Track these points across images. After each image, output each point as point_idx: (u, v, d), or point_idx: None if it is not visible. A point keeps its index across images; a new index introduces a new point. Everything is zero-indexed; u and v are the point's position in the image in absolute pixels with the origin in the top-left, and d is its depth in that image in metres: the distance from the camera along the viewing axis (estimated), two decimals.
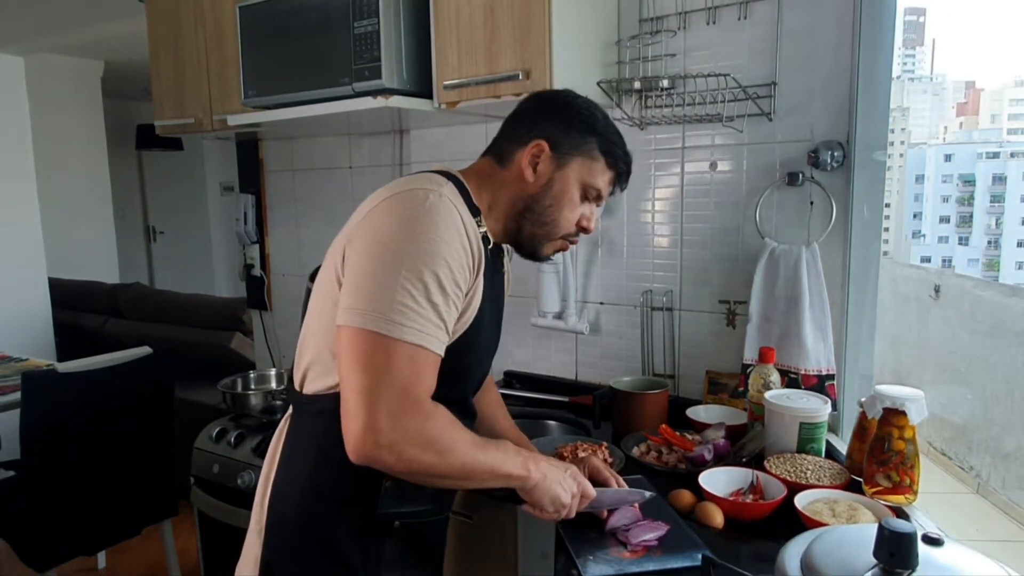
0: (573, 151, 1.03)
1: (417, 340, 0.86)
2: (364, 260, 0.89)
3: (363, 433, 0.84)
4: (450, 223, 0.90)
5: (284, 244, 2.56)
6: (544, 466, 1.00)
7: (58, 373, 1.99)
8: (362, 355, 0.85)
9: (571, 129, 1.03)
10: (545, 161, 1.02)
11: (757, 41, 1.57)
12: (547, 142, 1.02)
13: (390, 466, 0.86)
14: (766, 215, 1.60)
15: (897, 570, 0.60)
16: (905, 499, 1.16)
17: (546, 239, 1.07)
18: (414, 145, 2.16)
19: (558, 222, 1.05)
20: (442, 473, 0.89)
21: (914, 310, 7.09)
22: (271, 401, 1.98)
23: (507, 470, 0.95)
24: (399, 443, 0.84)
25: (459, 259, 0.90)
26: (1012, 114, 63.71)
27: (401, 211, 0.90)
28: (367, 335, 0.85)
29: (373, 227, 0.90)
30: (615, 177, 1.08)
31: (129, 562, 2.75)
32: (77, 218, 4.56)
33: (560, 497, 1.00)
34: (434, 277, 0.87)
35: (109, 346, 2.28)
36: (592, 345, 1.91)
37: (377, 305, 0.85)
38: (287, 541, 0.99)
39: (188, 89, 2.13)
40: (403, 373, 0.85)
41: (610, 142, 1.05)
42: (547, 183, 1.03)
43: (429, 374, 0.88)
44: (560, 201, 1.04)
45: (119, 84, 4.98)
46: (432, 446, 0.86)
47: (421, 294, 0.86)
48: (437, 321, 0.88)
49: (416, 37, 1.62)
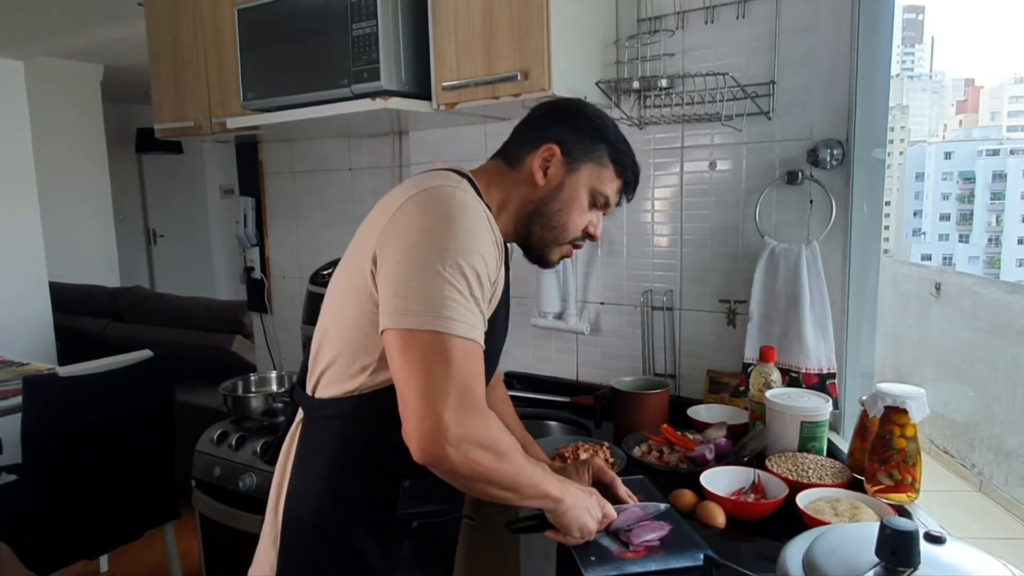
0: (584, 157, 1.04)
1: (469, 334, 0.86)
2: (404, 261, 0.87)
3: (433, 431, 0.82)
4: (481, 218, 0.91)
5: (284, 246, 2.56)
6: (573, 491, 0.99)
7: (59, 377, 1.99)
8: (422, 356, 0.84)
9: (582, 135, 1.04)
10: (556, 165, 1.03)
11: (755, 40, 1.57)
12: (558, 146, 1.02)
13: (455, 466, 0.84)
14: (766, 214, 1.60)
15: (899, 568, 0.60)
16: (907, 497, 1.16)
17: (554, 243, 1.08)
18: (413, 147, 2.16)
19: (567, 226, 1.06)
20: (496, 479, 0.88)
21: (915, 308, 7.09)
22: (272, 404, 1.97)
23: (547, 489, 0.94)
24: (465, 441, 0.83)
25: (492, 253, 0.91)
26: (1012, 111, 63.67)
27: (434, 208, 0.89)
28: (423, 336, 0.84)
29: (406, 227, 0.89)
30: (623, 186, 1.09)
31: (131, 565, 2.75)
32: (77, 221, 4.56)
33: (587, 524, 0.99)
34: (473, 272, 0.87)
35: (110, 350, 2.28)
36: (593, 345, 1.91)
37: (428, 305, 0.84)
38: (304, 546, 0.98)
39: (187, 92, 2.13)
40: (463, 369, 0.84)
41: (620, 151, 1.06)
42: (557, 187, 1.04)
43: (480, 368, 0.88)
44: (569, 205, 1.04)
45: (119, 87, 4.99)
46: (493, 447, 0.86)
47: (465, 288, 0.86)
48: (480, 314, 0.88)
49: (414, 38, 1.62)
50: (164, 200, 6.52)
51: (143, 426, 2.19)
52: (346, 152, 2.33)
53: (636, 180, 1.10)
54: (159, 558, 2.55)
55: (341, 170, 2.35)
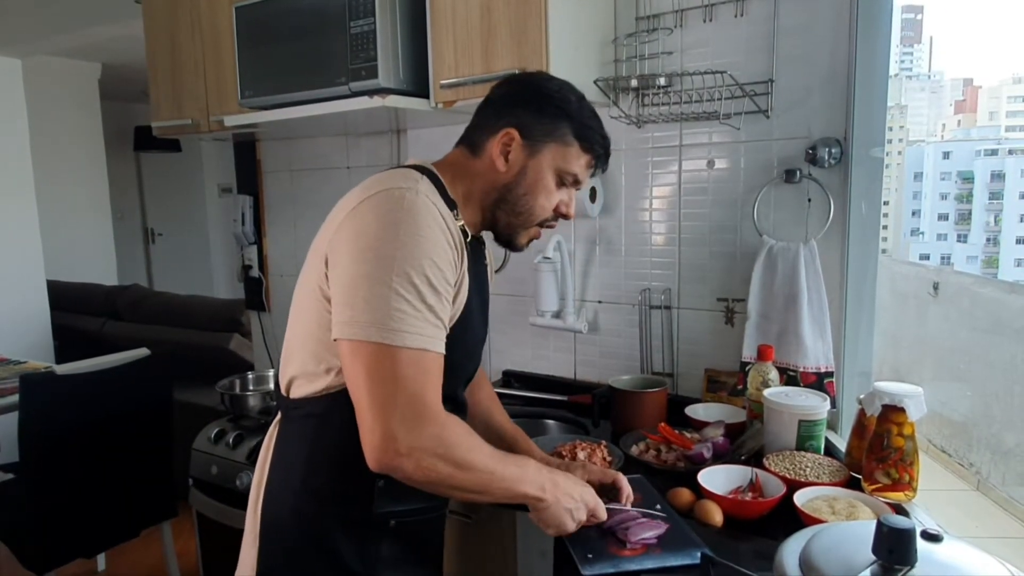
0: (546, 138, 1.00)
1: (420, 344, 0.85)
2: (351, 269, 0.87)
3: (382, 443, 0.83)
4: (431, 220, 0.89)
5: (282, 245, 2.56)
6: (560, 490, 0.97)
7: (56, 375, 1.98)
8: (368, 368, 0.84)
9: (542, 115, 1.00)
10: (516, 149, 1.00)
11: (754, 38, 1.57)
12: (517, 130, 0.99)
13: (409, 475, 0.85)
14: (764, 213, 1.60)
15: (896, 567, 0.60)
16: (904, 496, 1.16)
17: (522, 228, 1.05)
18: (411, 145, 2.15)
19: (533, 211, 1.03)
20: (459, 485, 0.88)
21: (913, 307, 7.10)
22: (269, 402, 1.97)
23: (523, 489, 0.93)
24: (417, 451, 0.83)
25: (445, 255, 0.89)
26: (1010, 111, 63.73)
27: (382, 214, 0.88)
28: (370, 347, 0.84)
29: (354, 233, 0.89)
30: (592, 160, 1.04)
31: (128, 564, 2.75)
32: (75, 220, 4.55)
33: (566, 525, 0.98)
34: (424, 278, 0.86)
35: (107, 348, 2.28)
36: (590, 344, 1.91)
37: (374, 315, 0.84)
38: (283, 545, 0.98)
39: (185, 90, 2.12)
40: (412, 380, 0.84)
41: (584, 126, 1.01)
42: (519, 172, 1.00)
43: (437, 376, 0.88)
44: (534, 189, 1.01)
45: (117, 86, 4.98)
46: (450, 456, 0.85)
47: (415, 297, 0.85)
48: (435, 321, 0.87)
49: (412, 36, 1.62)
50: (162, 199, 6.51)
51: (140, 425, 2.18)
52: (344, 150, 2.32)
53: (606, 153, 1.05)
54: (156, 557, 2.55)
55: (339, 168, 2.35)
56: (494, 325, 2.05)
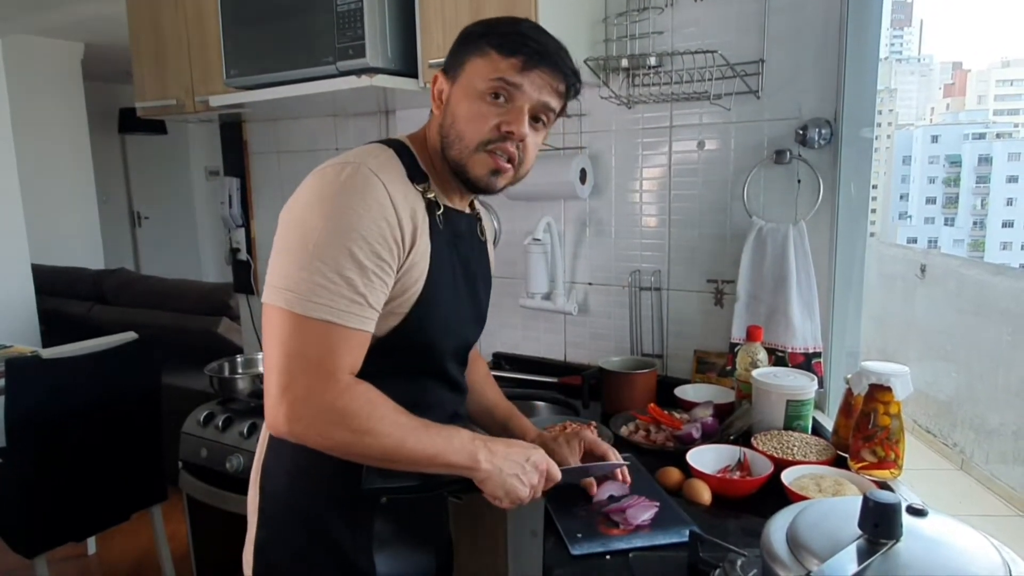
0: (462, 60, 0.96)
1: (328, 316, 0.84)
2: (281, 238, 0.88)
3: (274, 408, 0.84)
4: (367, 196, 0.87)
5: (270, 227, 2.51)
6: (500, 457, 0.94)
7: (42, 359, 1.96)
8: (276, 333, 0.85)
9: (462, 47, 0.97)
10: (442, 86, 0.98)
11: (745, 18, 1.56)
12: (442, 71, 0.98)
13: (304, 440, 0.86)
14: (754, 193, 1.60)
15: (881, 540, 0.61)
16: (890, 474, 1.18)
17: (464, 159, 0.95)
18: (400, 126, 2.13)
19: (464, 133, 0.94)
20: (362, 452, 0.87)
21: (900, 290, 7.16)
22: (258, 385, 1.96)
23: (450, 459, 0.91)
24: (307, 418, 0.84)
25: (378, 231, 0.87)
26: (998, 95, 63.99)
27: (316, 188, 0.89)
28: (280, 313, 0.85)
29: (291, 205, 0.90)
30: (523, 63, 0.92)
31: (119, 548, 2.75)
32: (60, 203, 4.49)
33: (516, 490, 0.95)
34: (347, 252, 0.85)
35: (95, 332, 2.26)
36: (581, 326, 1.91)
37: (289, 283, 0.85)
38: (279, 521, 0.99)
39: (169, 70, 2.09)
40: (315, 350, 0.84)
41: (496, 32, 0.94)
42: (446, 105, 0.97)
43: (347, 350, 0.87)
44: (459, 111, 0.95)
45: (100, 66, 4.90)
46: (346, 423, 0.85)
47: (332, 270, 0.84)
48: (353, 296, 0.86)
49: (400, 14, 1.60)
50: (148, 181, 6.44)
51: (129, 408, 2.17)
52: (332, 132, 2.30)
53: (537, 50, 0.93)
54: (147, 540, 2.55)
55: (328, 150, 2.32)
56: None
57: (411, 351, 0.94)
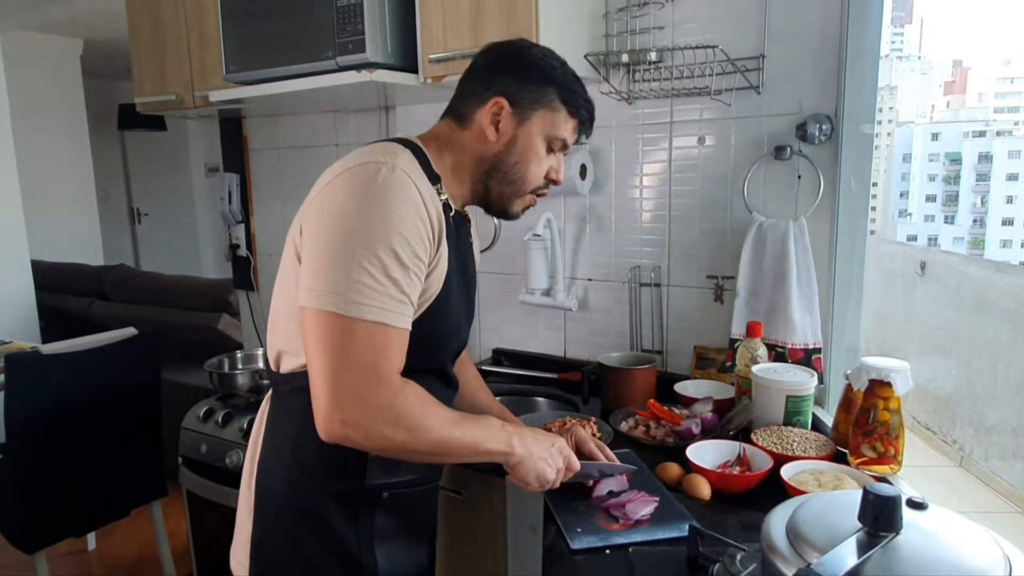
0: (534, 105, 1.00)
1: (377, 318, 0.85)
2: (320, 240, 0.88)
3: (329, 413, 0.84)
4: (405, 196, 0.88)
5: (270, 223, 2.54)
6: (529, 441, 1.00)
7: (42, 355, 1.96)
8: (324, 337, 0.84)
9: (529, 82, 1.00)
10: (506, 118, 1.00)
11: (745, 13, 1.56)
12: (506, 98, 0.99)
13: (360, 444, 0.86)
14: (754, 189, 1.60)
15: (881, 533, 0.61)
16: (890, 469, 1.18)
17: (515, 196, 1.05)
18: (400, 122, 2.13)
19: (526, 178, 1.03)
20: (415, 449, 0.88)
21: (900, 286, 7.16)
22: (258, 380, 1.96)
23: (488, 447, 0.95)
24: (365, 421, 0.84)
25: (416, 231, 0.88)
26: (998, 92, 63.90)
27: (354, 187, 0.88)
28: (327, 316, 0.84)
29: (327, 205, 0.89)
30: (578, 125, 1.05)
31: (119, 543, 2.75)
32: (59, 200, 4.49)
33: (545, 473, 1.01)
34: (391, 252, 0.85)
35: (94, 329, 2.26)
36: (580, 322, 1.91)
37: (335, 286, 0.84)
38: (277, 520, 0.99)
39: (168, 65, 2.08)
40: (366, 352, 0.84)
41: (570, 90, 1.02)
42: (510, 140, 1.01)
43: (395, 350, 0.88)
44: (526, 157, 1.02)
45: (99, 63, 4.89)
46: (402, 422, 0.86)
47: (379, 271, 0.85)
48: (399, 296, 0.87)
49: (401, 10, 1.59)
50: (148, 178, 6.43)
51: (129, 404, 2.17)
52: (332, 128, 2.30)
53: (591, 117, 1.06)
54: (147, 536, 2.55)
55: (328, 146, 2.32)
56: (484, 303, 2.05)
57: (419, 349, 0.94)
